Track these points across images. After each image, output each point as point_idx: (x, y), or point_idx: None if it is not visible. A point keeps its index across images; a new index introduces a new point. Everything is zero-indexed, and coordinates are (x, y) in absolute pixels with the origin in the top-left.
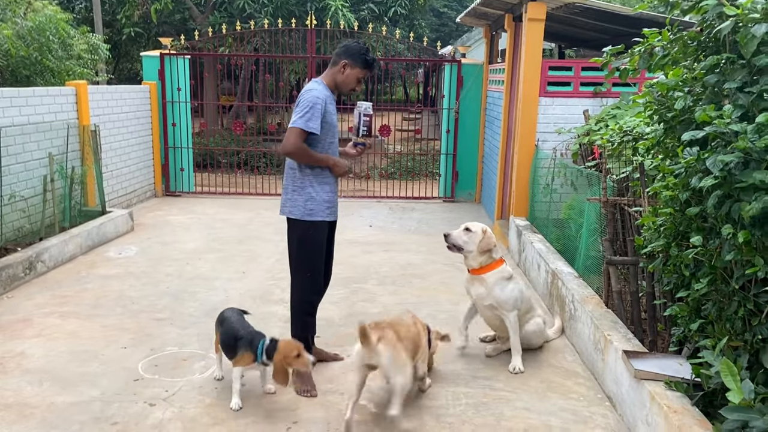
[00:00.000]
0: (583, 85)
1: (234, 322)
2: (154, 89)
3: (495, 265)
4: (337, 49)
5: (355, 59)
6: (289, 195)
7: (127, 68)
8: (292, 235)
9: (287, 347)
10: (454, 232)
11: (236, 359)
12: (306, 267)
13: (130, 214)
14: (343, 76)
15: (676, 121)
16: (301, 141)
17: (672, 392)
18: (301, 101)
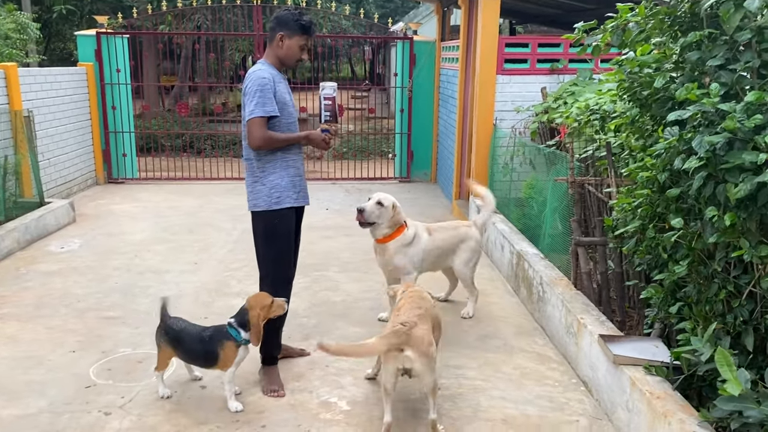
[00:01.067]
0: (540, 62)
1: (190, 328)
2: (91, 71)
3: (396, 233)
4: (270, 23)
5: (290, 27)
6: (250, 187)
7: (59, 48)
8: (258, 228)
9: (258, 299)
10: (368, 206)
11: (221, 360)
12: (275, 259)
13: (72, 205)
14: (283, 50)
15: (652, 99)
16: (265, 129)
17: (652, 377)
18: (248, 87)
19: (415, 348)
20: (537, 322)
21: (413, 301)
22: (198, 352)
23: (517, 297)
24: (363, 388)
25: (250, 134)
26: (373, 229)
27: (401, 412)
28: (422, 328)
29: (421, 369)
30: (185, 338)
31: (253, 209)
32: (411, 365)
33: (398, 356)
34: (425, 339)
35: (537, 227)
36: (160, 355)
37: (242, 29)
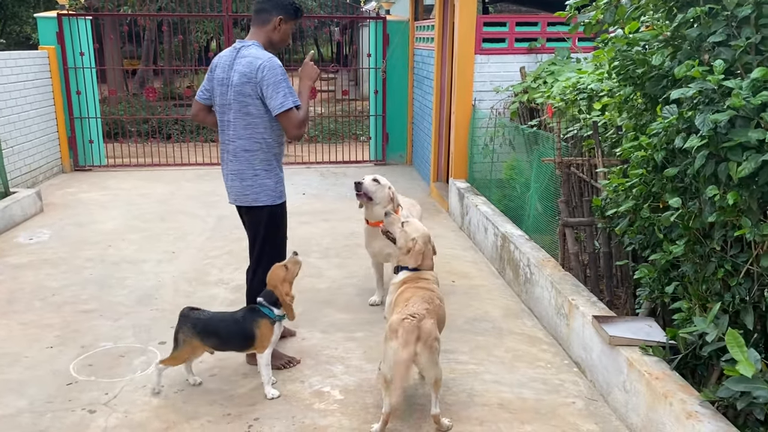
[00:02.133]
0: (518, 41)
1: (218, 314)
2: (53, 54)
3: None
4: (261, 5)
5: (288, 12)
6: (249, 181)
7: (15, 32)
8: (261, 221)
9: (275, 274)
10: (365, 180)
11: (259, 340)
12: (278, 249)
13: (38, 194)
14: (279, 34)
15: (646, 78)
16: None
17: (649, 357)
18: (267, 77)
19: (422, 342)
20: (524, 304)
21: (423, 295)
22: (235, 334)
23: (503, 279)
24: (354, 376)
25: (291, 125)
26: (369, 211)
27: None
28: (430, 321)
29: (425, 362)
30: (218, 324)
31: (253, 204)
32: (416, 359)
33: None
34: (432, 333)
35: (519, 208)
36: (181, 351)
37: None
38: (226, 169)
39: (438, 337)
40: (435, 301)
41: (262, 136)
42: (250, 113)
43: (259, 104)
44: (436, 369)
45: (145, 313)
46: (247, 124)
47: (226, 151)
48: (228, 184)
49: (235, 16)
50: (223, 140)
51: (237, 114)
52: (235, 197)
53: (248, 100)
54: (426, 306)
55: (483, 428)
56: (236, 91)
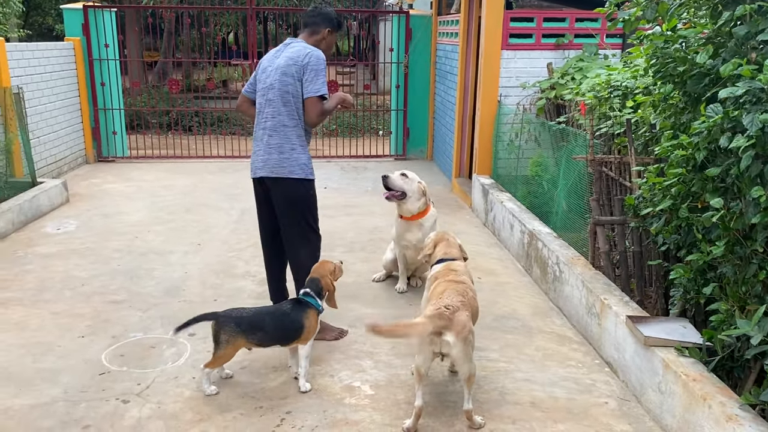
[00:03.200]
0: (545, 37)
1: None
2: (78, 46)
3: (427, 210)
4: (312, 16)
5: (333, 25)
6: (287, 154)
7: (38, 23)
8: (296, 195)
9: (325, 267)
10: (392, 175)
11: (306, 331)
12: (315, 226)
13: (64, 184)
14: (325, 43)
15: (687, 76)
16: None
17: (685, 358)
18: (312, 63)
19: (455, 333)
20: (553, 302)
21: (457, 288)
22: (284, 327)
23: (530, 276)
24: (384, 371)
25: (315, 111)
26: (403, 205)
27: (427, 396)
28: (464, 314)
29: (458, 355)
30: (265, 319)
31: (289, 176)
32: (449, 350)
33: (436, 340)
34: (467, 326)
35: (545, 205)
36: (225, 351)
37: (228, 2)
38: (261, 145)
39: (473, 330)
40: (468, 293)
41: (299, 113)
42: (289, 92)
43: (298, 86)
44: (470, 364)
45: (173, 304)
46: (286, 101)
47: (263, 129)
48: (263, 158)
49: (258, 9)
50: (260, 120)
51: (278, 92)
52: (270, 169)
53: (289, 80)
54: (460, 298)
55: (516, 427)
56: (281, 72)
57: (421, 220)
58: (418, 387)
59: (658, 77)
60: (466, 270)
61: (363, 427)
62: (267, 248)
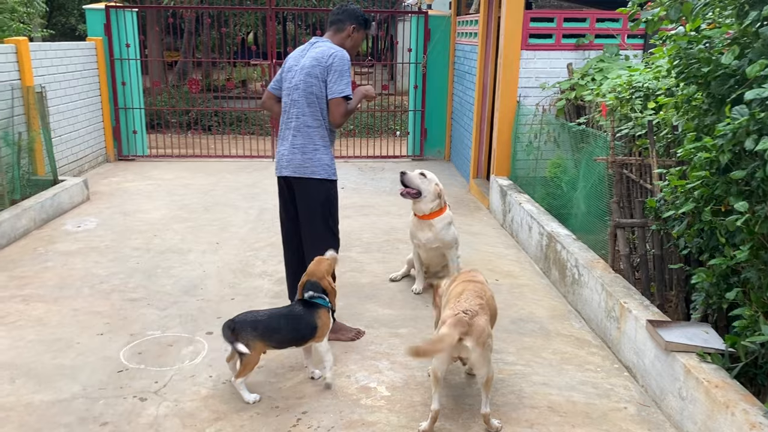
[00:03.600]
0: (565, 37)
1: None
2: (100, 45)
3: (441, 211)
4: (337, 14)
5: (359, 21)
6: (310, 155)
7: (61, 23)
8: (317, 196)
9: (319, 266)
10: (411, 172)
11: (320, 329)
12: (334, 227)
13: (85, 183)
14: (352, 41)
15: (712, 77)
16: (346, 107)
17: (707, 364)
18: (336, 64)
19: (474, 337)
20: (571, 305)
21: (475, 290)
22: (298, 329)
23: (548, 279)
24: (401, 372)
25: (339, 112)
26: (417, 203)
27: (444, 398)
28: (483, 318)
29: (477, 360)
30: (280, 321)
31: (311, 176)
32: (468, 355)
33: (456, 345)
34: (485, 330)
35: (563, 207)
36: (250, 358)
37: (247, 2)
38: (285, 145)
39: (491, 335)
40: (487, 293)
41: (323, 114)
42: (313, 93)
43: (323, 87)
44: (488, 367)
45: (191, 303)
46: (310, 102)
47: (287, 128)
48: (287, 158)
49: (278, 9)
50: (285, 120)
51: (302, 93)
52: (294, 169)
53: (314, 81)
54: (479, 301)
55: (533, 431)
56: (306, 73)
57: (433, 220)
58: (434, 390)
59: (682, 78)
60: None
61: (379, 429)
62: (287, 247)
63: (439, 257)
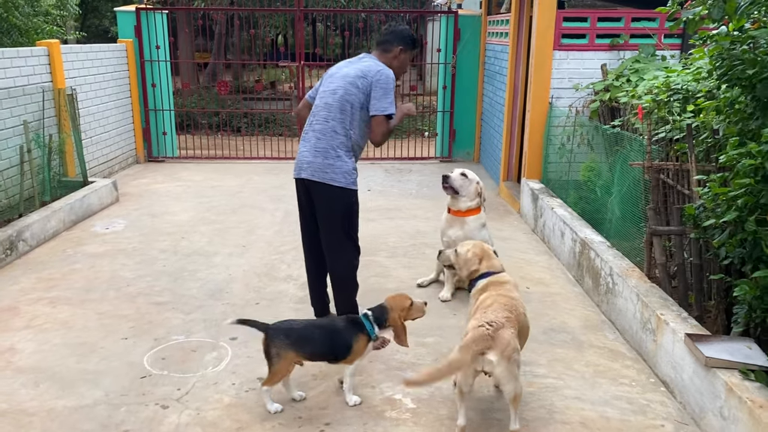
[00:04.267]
0: (599, 37)
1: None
2: (130, 47)
3: (476, 211)
4: (385, 35)
5: (407, 43)
6: (331, 160)
7: (94, 25)
8: (336, 203)
9: (399, 300)
10: (452, 174)
11: (352, 353)
12: (355, 235)
13: (114, 184)
14: (399, 61)
15: (757, 79)
16: (389, 125)
17: (751, 383)
18: (382, 81)
19: (498, 351)
20: (605, 315)
21: (505, 303)
22: (332, 344)
23: (581, 287)
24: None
25: (381, 130)
26: (454, 200)
27: (471, 412)
28: (509, 331)
29: (502, 374)
30: (315, 333)
31: (331, 182)
32: (492, 369)
33: (479, 358)
34: (511, 344)
35: (596, 212)
36: (279, 365)
37: (276, 4)
38: (308, 146)
39: (518, 349)
40: (518, 309)
41: (351, 125)
42: (350, 101)
43: (362, 99)
44: (515, 383)
45: (216, 307)
46: (344, 109)
47: (312, 130)
48: (307, 160)
49: (306, 11)
50: (312, 121)
51: (339, 99)
52: (312, 172)
53: (354, 91)
54: (506, 314)
55: None
56: (348, 81)
57: (466, 218)
58: (460, 405)
59: (724, 80)
60: (515, 283)
61: None
62: (308, 253)
63: None
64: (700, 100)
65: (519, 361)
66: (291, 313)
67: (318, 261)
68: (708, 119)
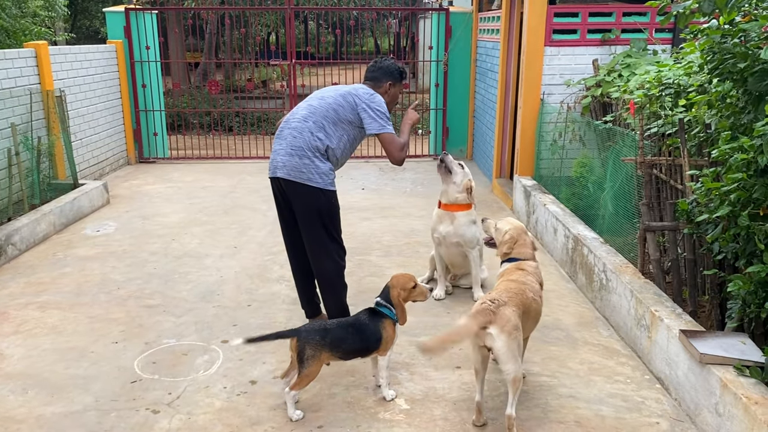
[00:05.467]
0: (591, 33)
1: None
2: (120, 48)
3: (467, 207)
4: (372, 71)
5: (395, 77)
6: (307, 160)
7: (85, 26)
8: (314, 204)
9: (402, 280)
10: (451, 156)
11: (384, 341)
12: (338, 235)
13: (105, 186)
14: (389, 97)
15: (748, 73)
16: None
17: (746, 379)
18: (377, 104)
19: (498, 326)
20: (599, 312)
21: (511, 287)
22: (364, 339)
23: (574, 284)
24: (420, 384)
25: (394, 147)
26: (446, 190)
27: (463, 412)
28: (510, 309)
29: (501, 349)
30: (348, 331)
31: (307, 183)
32: (492, 343)
33: (481, 333)
34: (511, 320)
35: (589, 208)
36: (311, 368)
37: (266, 2)
38: (284, 144)
39: (519, 327)
40: (526, 294)
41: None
42: (337, 111)
43: (348, 114)
44: (514, 363)
45: (207, 309)
46: (327, 116)
47: (289, 128)
48: (282, 159)
49: (297, 9)
50: (289, 119)
51: (325, 104)
52: (288, 171)
53: (344, 103)
54: (510, 295)
55: None
56: (340, 95)
57: (456, 213)
58: (477, 382)
59: (716, 74)
60: (537, 271)
61: None
62: (291, 255)
63: (461, 258)
64: (692, 94)
65: (521, 341)
66: (284, 315)
67: (303, 262)
68: (700, 114)
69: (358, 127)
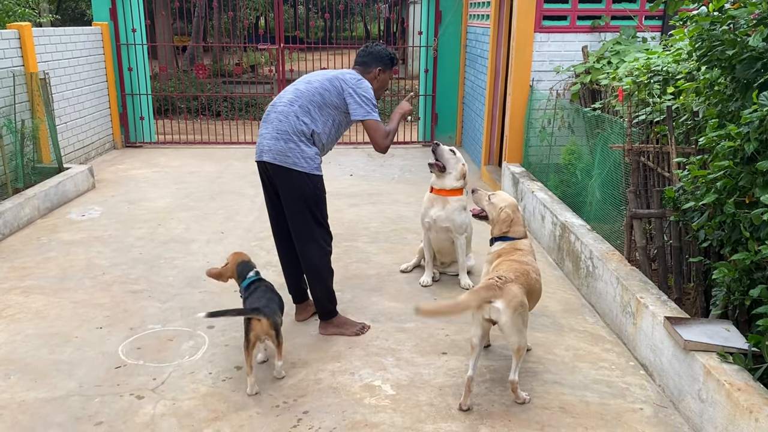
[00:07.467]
0: (581, 19)
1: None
2: (106, 30)
3: (459, 192)
4: (362, 56)
5: (385, 63)
6: (292, 144)
7: (71, 7)
8: (300, 189)
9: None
10: (443, 145)
11: None
12: (323, 220)
13: (90, 170)
14: (379, 83)
15: (737, 60)
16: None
17: (729, 365)
18: (363, 90)
19: (505, 301)
20: (585, 299)
21: (517, 268)
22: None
23: (561, 271)
24: (407, 370)
25: (378, 134)
26: (439, 177)
27: (449, 398)
28: (517, 286)
29: (507, 323)
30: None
31: (293, 167)
32: (498, 317)
33: (486, 307)
34: (518, 296)
35: (577, 195)
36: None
37: None
38: (270, 128)
39: (525, 304)
40: (529, 275)
41: (318, 115)
42: (323, 96)
43: (333, 97)
44: (520, 336)
45: (193, 295)
46: (313, 100)
47: (275, 112)
48: (268, 143)
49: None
50: (275, 103)
51: (312, 89)
52: (274, 155)
53: (330, 88)
54: (516, 274)
55: None
56: (327, 79)
57: (449, 197)
58: (471, 357)
59: (704, 62)
60: (531, 249)
61: (382, 430)
62: (278, 239)
63: (449, 244)
64: (680, 81)
65: (526, 318)
66: None
67: (289, 247)
68: (688, 101)
69: (344, 113)
